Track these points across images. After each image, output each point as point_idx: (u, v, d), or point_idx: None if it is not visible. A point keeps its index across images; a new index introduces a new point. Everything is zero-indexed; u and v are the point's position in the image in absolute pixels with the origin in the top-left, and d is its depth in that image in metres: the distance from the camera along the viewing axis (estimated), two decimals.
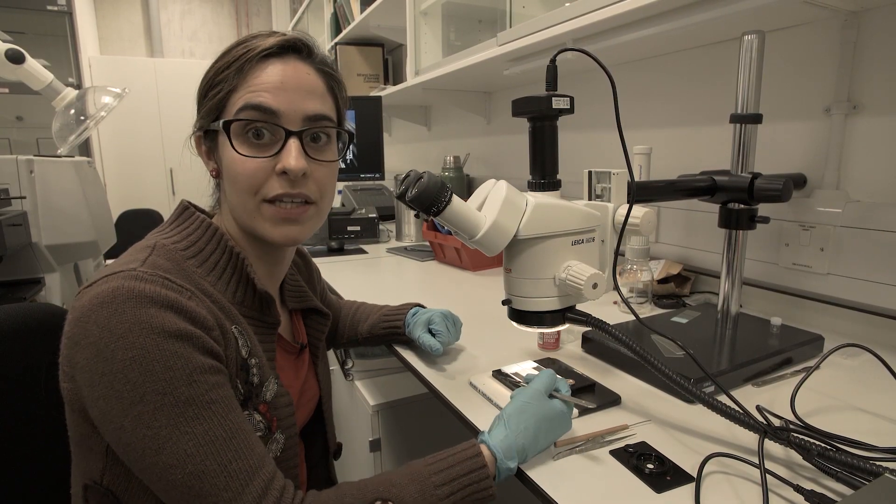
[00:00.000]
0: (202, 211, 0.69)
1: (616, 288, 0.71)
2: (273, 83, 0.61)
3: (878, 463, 0.52)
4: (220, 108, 0.63)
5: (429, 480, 0.56)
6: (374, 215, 1.94)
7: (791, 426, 0.62)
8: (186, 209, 0.67)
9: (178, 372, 0.50)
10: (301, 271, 0.87)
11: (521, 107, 0.67)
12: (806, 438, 0.56)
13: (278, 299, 0.77)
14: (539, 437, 0.60)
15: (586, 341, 0.91)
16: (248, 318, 0.65)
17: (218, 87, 0.63)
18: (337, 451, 0.87)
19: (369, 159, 2.12)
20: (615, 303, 1.15)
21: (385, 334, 0.95)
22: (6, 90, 3.70)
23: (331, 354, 1.51)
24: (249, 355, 0.61)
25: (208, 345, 0.54)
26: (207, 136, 0.66)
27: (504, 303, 0.73)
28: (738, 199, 0.86)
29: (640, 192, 0.79)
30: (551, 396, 0.64)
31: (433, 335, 0.88)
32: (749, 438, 0.61)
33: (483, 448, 0.59)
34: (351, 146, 2.24)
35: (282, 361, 0.72)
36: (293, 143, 0.62)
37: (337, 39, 2.72)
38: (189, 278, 0.58)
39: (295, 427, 0.67)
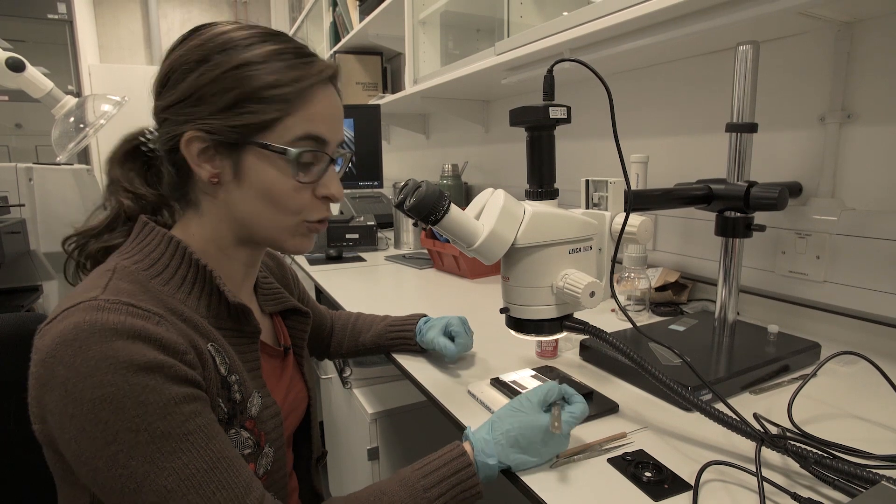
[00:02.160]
0: (162, 224, 0.65)
1: (613, 296, 0.72)
2: (328, 114, 0.63)
3: (874, 471, 0.52)
4: (264, 127, 0.59)
5: (418, 485, 0.57)
6: (373, 223, 1.94)
7: (788, 434, 0.63)
8: (146, 225, 0.63)
9: (151, 406, 0.48)
10: (273, 273, 0.85)
11: (518, 116, 0.68)
12: (803, 446, 0.56)
13: (257, 307, 0.75)
14: (521, 442, 0.59)
15: (584, 349, 0.91)
16: (225, 331, 0.62)
17: (267, 103, 0.58)
18: (320, 458, 0.85)
19: (368, 167, 2.12)
20: (613, 311, 1.15)
21: (391, 344, 0.95)
22: (6, 98, 3.72)
23: (328, 363, 1.51)
24: (229, 372, 0.59)
25: (181, 372, 0.51)
26: (218, 139, 0.59)
27: (502, 311, 0.73)
28: (735, 208, 0.87)
29: (637, 201, 0.79)
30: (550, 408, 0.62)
31: (451, 339, 0.89)
32: (746, 446, 0.62)
33: (466, 445, 0.61)
34: (350, 153, 2.24)
35: (267, 368, 0.71)
36: (333, 170, 0.65)
37: (336, 48, 2.74)
38: (156, 299, 0.56)
39: (283, 438, 0.66)
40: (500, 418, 0.62)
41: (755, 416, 0.66)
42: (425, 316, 0.96)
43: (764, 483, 0.53)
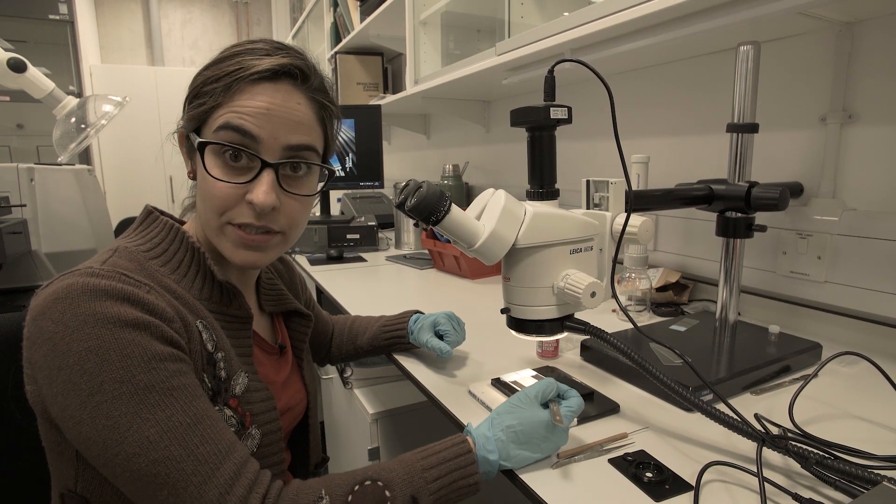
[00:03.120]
0: (169, 216, 0.68)
1: (614, 296, 0.72)
2: (259, 109, 0.59)
3: (876, 471, 0.52)
4: (201, 120, 0.62)
5: (417, 465, 0.57)
6: (374, 223, 1.94)
7: (789, 434, 0.63)
8: (150, 214, 0.67)
9: (135, 359, 0.50)
10: (282, 276, 0.86)
11: (519, 117, 0.68)
12: (804, 447, 0.56)
13: (255, 303, 0.77)
14: (521, 438, 0.59)
15: (585, 350, 0.91)
16: (217, 314, 0.64)
17: (203, 98, 0.61)
18: (319, 464, 0.84)
19: (369, 168, 2.12)
20: (614, 311, 1.15)
21: (388, 344, 0.95)
22: (7, 98, 3.72)
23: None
24: (215, 349, 0.60)
25: (167, 334, 0.53)
26: (190, 138, 0.65)
27: (503, 311, 0.73)
28: (736, 208, 0.87)
29: (637, 201, 0.79)
30: (547, 405, 0.63)
31: (441, 337, 0.89)
32: (747, 447, 0.62)
33: (468, 438, 0.61)
34: (350, 154, 2.23)
35: (261, 357, 0.71)
36: (266, 176, 0.60)
37: (337, 48, 2.74)
38: (151, 276, 0.58)
39: (277, 423, 0.66)
40: (499, 415, 0.62)
41: (756, 416, 0.66)
42: (417, 312, 0.96)
43: (765, 483, 0.53)
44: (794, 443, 0.57)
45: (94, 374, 0.48)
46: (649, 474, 0.57)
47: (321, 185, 0.70)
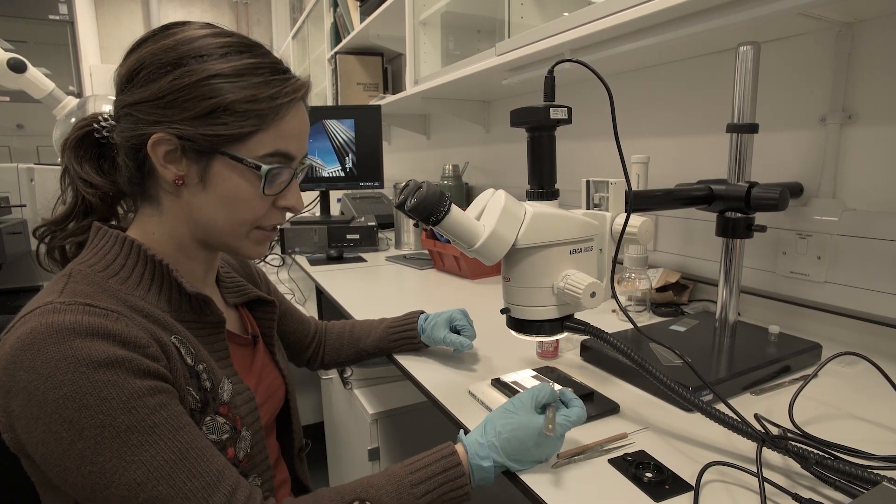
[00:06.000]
0: (116, 226, 0.65)
1: (614, 296, 0.72)
2: (298, 131, 0.64)
3: (875, 472, 0.52)
4: (237, 139, 0.59)
5: (405, 480, 0.58)
6: (374, 224, 1.94)
7: (789, 434, 0.63)
8: (99, 230, 0.63)
9: (113, 401, 0.49)
10: (236, 270, 0.85)
11: (519, 117, 0.68)
12: (804, 447, 0.56)
13: (220, 299, 0.75)
14: (514, 444, 0.59)
15: (585, 350, 0.91)
16: (188, 323, 0.63)
17: (243, 117, 0.58)
18: (301, 449, 0.85)
19: (368, 168, 2.12)
20: (614, 311, 1.15)
21: (395, 346, 0.95)
22: (7, 99, 3.73)
23: None
24: (196, 362, 0.60)
25: (144, 365, 0.52)
26: (188, 145, 0.59)
27: (503, 311, 0.73)
28: (736, 208, 0.87)
29: (637, 201, 0.79)
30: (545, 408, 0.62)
31: (457, 333, 0.90)
32: (747, 447, 0.62)
33: (459, 447, 0.61)
34: (350, 154, 2.23)
35: (235, 353, 0.71)
36: (295, 183, 0.66)
37: (337, 49, 2.74)
38: (114, 297, 0.56)
39: (259, 422, 0.66)
40: (491, 420, 0.62)
41: (756, 416, 0.66)
42: (422, 312, 0.96)
43: (765, 484, 0.53)
44: (793, 443, 0.57)
45: (74, 421, 0.47)
46: (649, 474, 0.57)
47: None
